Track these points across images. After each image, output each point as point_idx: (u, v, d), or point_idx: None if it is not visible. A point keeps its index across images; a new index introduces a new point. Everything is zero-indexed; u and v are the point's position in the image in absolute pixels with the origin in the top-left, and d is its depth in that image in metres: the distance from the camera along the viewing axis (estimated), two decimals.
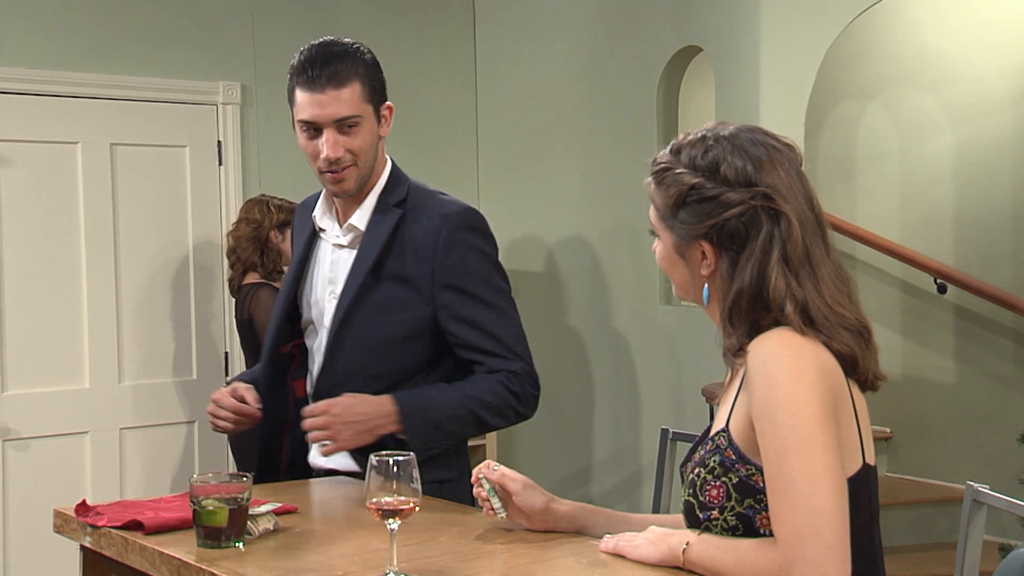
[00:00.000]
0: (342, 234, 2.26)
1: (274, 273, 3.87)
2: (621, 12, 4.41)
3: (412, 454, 1.62)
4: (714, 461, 1.56)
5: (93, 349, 4.00)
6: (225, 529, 1.74)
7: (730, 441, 1.55)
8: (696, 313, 3.79)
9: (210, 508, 1.74)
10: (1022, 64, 4.62)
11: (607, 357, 4.50)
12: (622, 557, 1.63)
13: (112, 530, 1.89)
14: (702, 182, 1.58)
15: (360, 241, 2.23)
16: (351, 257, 2.24)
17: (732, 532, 1.54)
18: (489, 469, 1.82)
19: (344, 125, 2.14)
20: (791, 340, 1.51)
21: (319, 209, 2.31)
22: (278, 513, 1.93)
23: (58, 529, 2.06)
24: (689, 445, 1.76)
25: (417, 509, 1.61)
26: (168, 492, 3.84)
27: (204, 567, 1.66)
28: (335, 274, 2.26)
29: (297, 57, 2.16)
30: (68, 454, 3.96)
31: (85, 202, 4.00)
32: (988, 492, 2.42)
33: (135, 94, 4.10)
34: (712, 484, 1.55)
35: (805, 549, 1.40)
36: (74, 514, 1.98)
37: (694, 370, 4.10)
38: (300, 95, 2.14)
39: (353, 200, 2.23)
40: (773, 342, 1.51)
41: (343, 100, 2.12)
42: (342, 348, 2.21)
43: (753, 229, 1.56)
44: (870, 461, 1.56)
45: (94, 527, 1.93)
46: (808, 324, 1.53)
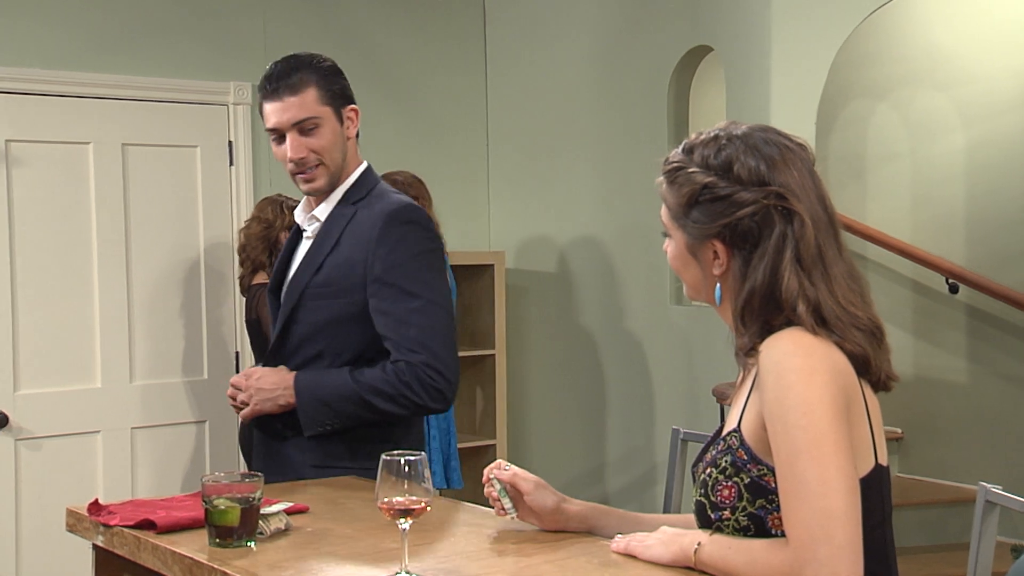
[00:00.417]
0: (309, 226, 2.43)
1: None
2: (631, 12, 4.41)
3: (423, 454, 1.63)
4: (726, 461, 1.55)
5: (105, 349, 4.01)
6: (237, 528, 1.75)
7: (742, 441, 1.55)
8: (707, 313, 3.78)
9: (222, 507, 1.74)
10: None
11: (619, 357, 4.50)
12: (633, 557, 1.63)
13: (124, 529, 1.90)
14: (715, 181, 1.58)
15: (319, 231, 2.41)
16: None
17: (744, 532, 1.53)
18: (500, 469, 1.82)
19: (304, 127, 2.33)
20: (803, 340, 1.51)
21: (300, 208, 2.48)
22: (289, 512, 1.94)
23: (71, 528, 2.07)
24: (700, 445, 1.76)
25: (429, 509, 1.61)
26: (179, 491, 3.85)
27: (216, 566, 1.67)
28: None
29: (261, 77, 2.38)
30: (80, 453, 3.97)
31: (97, 202, 4.01)
32: (1001, 493, 2.41)
33: (147, 94, 4.11)
34: (724, 484, 1.55)
35: (817, 550, 1.40)
36: (87, 513, 1.99)
37: (706, 370, 4.09)
38: (265, 107, 2.36)
39: (323, 197, 2.41)
40: (785, 342, 1.51)
41: (300, 104, 2.32)
42: (292, 328, 2.37)
43: (766, 228, 1.56)
44: (882, 461, 1.56)
45: (107, 526, 1.93)
46: (820, 324, 1.52)
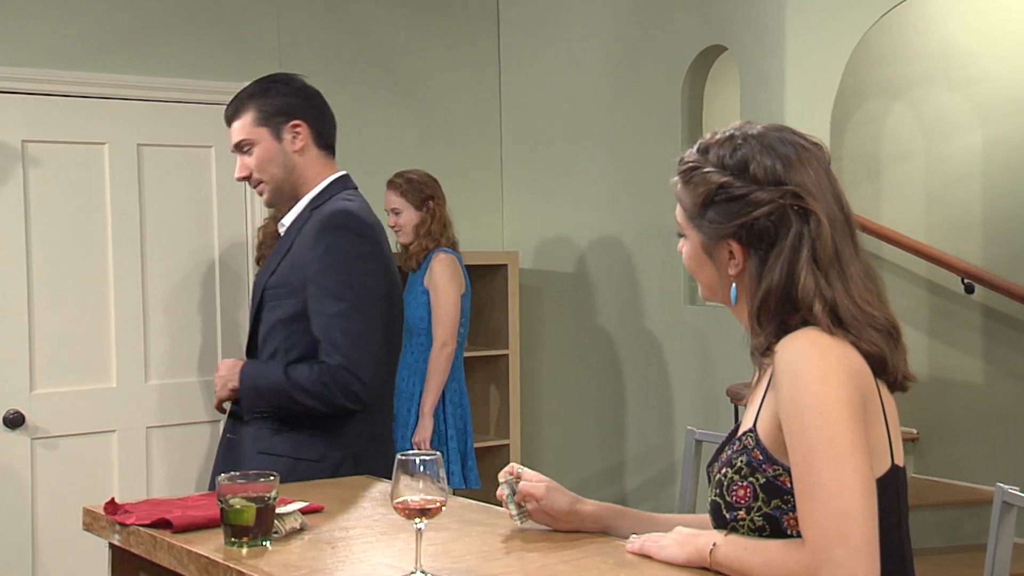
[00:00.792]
0: (282, 232, 2.60)
1: None
2: (646, 11, 4.40)
3: (438, 453, 1.64)
4: (741, 461, 1.55)
5: (120, 348, 4.02)
6: (252, 528, 1.75)
7: (757, 441, 1.54)
8: (721, 313, 3.77)
9: (237, 507, 1.75)
10: None
11: (633, 357, 4.49)
12: (648, 557, 1.63)
13: (141, 528, 1.90)
14: (731, 181, 1.58)
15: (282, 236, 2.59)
16: None
17: (759, 533, 1.53)
18: (507, 475, 1.82)
19: (242, 148, 2.55)
20: (819, 340, 1.50)
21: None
22: (305, 512, 1.94)
23: (87, 527, 2.08)
24: (715, 445, 1.76)
25: (444, 509, 1.61)
26: (194, 491, 3.86)
27: (232, 565, 1.67)
28: None
29: None
30: (95, 452, 3.99)
31: (112, 202, 4.03)
32: (1018, 494, 2.40)
33: (162, 95, 4.13)
34: (739, 484, 1.54)
35: (833, 550, 1.39)
36: (103, 512, 2.00)
37: (720, 370, 4.08)
38: None
39: (290, 205, 2.58)
40: (801, 342, 1.50)
41: (238, 129, 2.54)
42: (257, 326, 2.55)
43: (783, 228, 1.55)
44: (899, 462, 1.55)
45: (123, 525, 1.94)
46: (837, 324, 1.52)
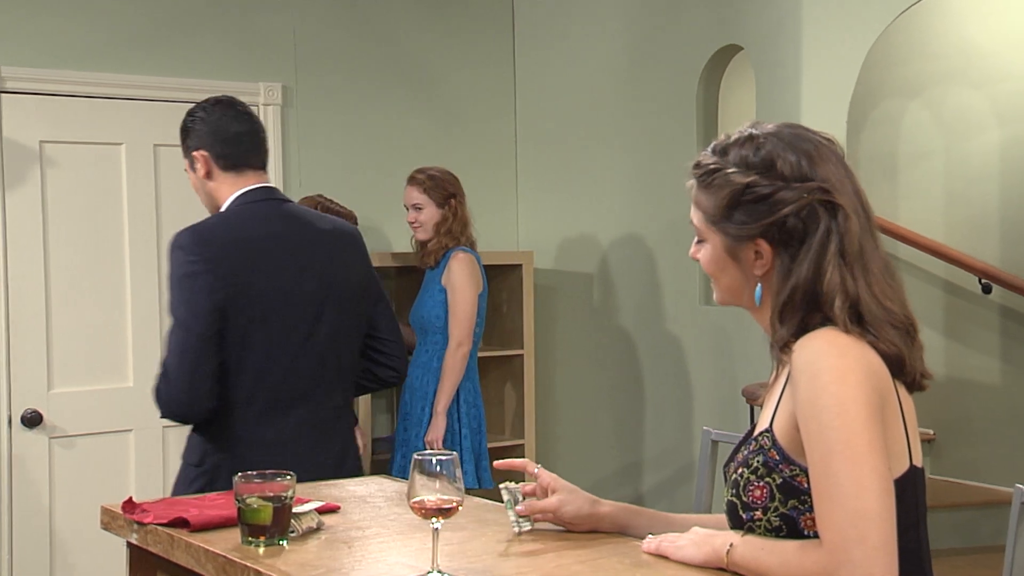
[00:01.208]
0: None
1: None
2: (661, 10, 4.39)
3: (455, 453, 1.64)
4: (758, 461, 1.54)
5: (137, 348, 4.04)
6: (269, 527, 1.76)
7: (774, 441, 1.54)
8: (737, 312, 3.76)
9: (254, 506, 1.76)
10: None
11: (648, 356, 4.48)
12: (665, 558, 1.63)
13: (158, 527, 1.91)
14: (757, 180, 1.56)
15: None
16: None
17: (776, 533, 1.52)
18: (506, 487, 1.82)
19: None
20: (837, 340, 1.50)
21: None
22: (321, 511, 1.94)
23: (105, 526, 2.09)
24: (731, 446, 1.75)
25: (460, 508, 1.61)
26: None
27: (249, 564, 1.68)
28: None
29: None
30: (112, 451, 4.00)
31: (129, 202, 4.05)
32: None
33: (178, 95, 4.13)
34: (755, 484, 1.54)
35: (851, 551, 1.39)
36: (121, 511, 2.01)
37: (735, 369, 4.07)
38: None
39: None
40: (819, 342, 1.50)
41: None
42: None
43: (811, 224, 1.54)
44: (917, 463, 1.55)
45: (141, 524, 1.95)
46: (856, 321, 1.51)
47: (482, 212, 4.47)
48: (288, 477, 1.79)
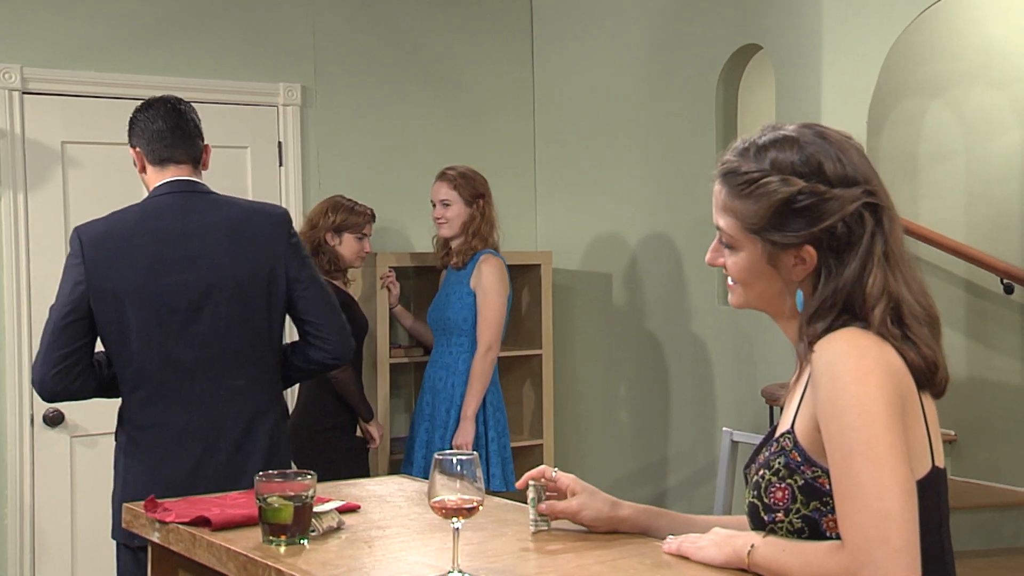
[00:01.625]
0: None
1: (333, 272, 3.90)
2: (680, 8, 4.38)
3: (475, 453, 1.64)
4: (779, 463, 1.54)
5: None
6: (290, 526, 1.76)
7: (795, 443, 1.53)
8: (757, 313, 3.75)
9: (275, 505, 1.76)
10: None
11: (667, 356, 4.48)
12: (686, 559, 1.63)
13: (180, 526, 1.92)
14: (807, 186, 1.52)
15: None
16: None
17: (797, 535, 1.52)
18: (536, 481, 1.82)
19: None
20: (858, 340, 1.49)
21: None
22: (342, 511, 1.95)
23: (127, 524, 2.10)
24: (751, 446, 1.75)
25: (481, 508, 1.62)
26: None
27: (270, 563, 1.68)
28: None
29: None
30: None
31: None
32: None
33: (197, 96, 4.12)
34: (777, 486, 1.53)
35: (873, 552, 1.38)
36: (143, 510, 2.02)
37: (756, 370, 4.06)
38: None
39: None
40: (840, 343, 1.49)
41: None
42: None
43: (857, 227, 1.52)
44: (939, 464, 1.54)
45: (163, 523, 1.96)
46: (896, 322, 1.50)
47: (501, 212, 4.46)
48: (309, 476, 1.80)
